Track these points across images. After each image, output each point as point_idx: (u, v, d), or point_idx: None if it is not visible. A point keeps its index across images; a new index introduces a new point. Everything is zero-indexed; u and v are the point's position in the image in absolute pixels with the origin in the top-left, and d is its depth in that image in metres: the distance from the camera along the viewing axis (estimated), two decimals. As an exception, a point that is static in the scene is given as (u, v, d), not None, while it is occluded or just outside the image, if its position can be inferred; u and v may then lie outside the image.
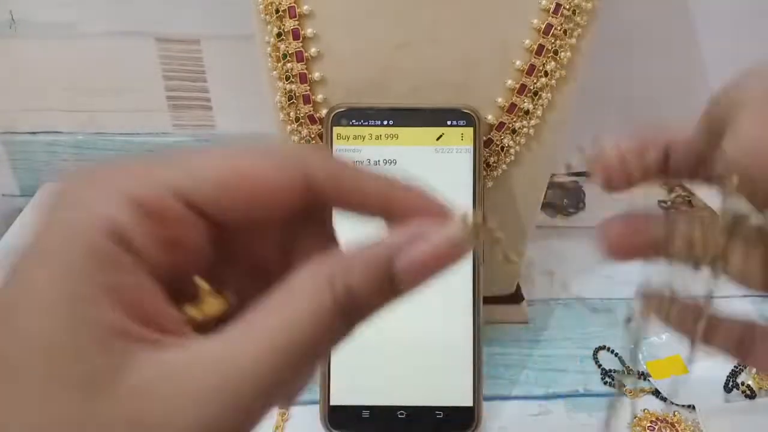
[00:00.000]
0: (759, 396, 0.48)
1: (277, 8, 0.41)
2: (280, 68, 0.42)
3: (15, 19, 0.65)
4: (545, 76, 0.42)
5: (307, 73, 0.42)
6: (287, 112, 0.43)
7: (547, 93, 0.43)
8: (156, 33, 0.65)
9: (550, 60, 0.42)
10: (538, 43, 0.42)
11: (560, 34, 0.41)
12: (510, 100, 0.43)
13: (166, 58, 0.67)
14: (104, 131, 0.71)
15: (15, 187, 0.74)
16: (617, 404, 0.22)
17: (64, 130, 0.71)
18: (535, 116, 0.44)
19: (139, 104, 0.69)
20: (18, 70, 0.67)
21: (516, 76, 0.43)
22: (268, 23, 0.41)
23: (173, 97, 0.69)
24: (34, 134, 0.71)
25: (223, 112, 0.70)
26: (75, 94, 0.69)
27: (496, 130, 0.44)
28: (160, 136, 0.71)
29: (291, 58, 0.42)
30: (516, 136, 0.44)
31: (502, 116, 0.44)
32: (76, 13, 0.64)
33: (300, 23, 0.41)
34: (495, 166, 0.46)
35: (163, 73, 0.68)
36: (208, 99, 0.69)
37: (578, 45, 0.42)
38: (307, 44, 0.41)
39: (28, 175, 0.73)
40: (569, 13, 0.41)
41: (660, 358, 0.51)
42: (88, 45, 0.66)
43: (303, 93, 0.43)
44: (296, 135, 0.44)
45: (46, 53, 0.66)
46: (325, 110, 0.43)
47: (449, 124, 0.43)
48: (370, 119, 0.43)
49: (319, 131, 0.44)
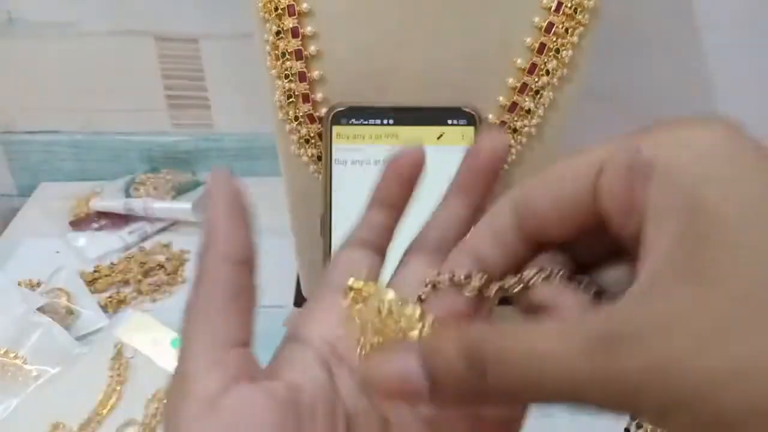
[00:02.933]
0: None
1: (276, 6, 0.40)
2: (279, 67, 0.42)
3: (13, 19, 0.64)
4: (547, 75, 0.42)
5: (307, 72, 0.42)
6: (286, 111, 0.43)
7: (549, 92, 0.43)
8: (155, 32, 0.65)
9: (552, 59, 0.42)
10: (539, 42, 0.41)
11: (562, 33, 0.41)
12: (511, 99, 0.43)
13: (165, 57, 0.67)
14: (102, 131, 0.71)
15: (13, 186, 0.74)
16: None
17: (62, 130, 0.71)
18: (536, 115, 0.43)
19: (137, 104, 0.69)
20: (16, 69, 0.67)
21: (517, 75, 0.42)
22: (267, 21, 0.41)
23: (172, 96, 0.69)
24: (32, 134, 0.71)
25: (221, 111, 0.70)
26: (73, 93, 0.68)
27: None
28: (159, 135, 0.71)
29: (290, 57, 0.41)
30: (517, 135, 0.44)
31: (503, 115, 0.44)
32: (75, 13, 0.64)
33: (299, 21, 0.41)
34: (496, 166, 0.45)
35: (162, 72, 0.67)
36: (206, 98, 0.69)
37: (580, 43, 0.42)
38: (307, 43, 0.41)
39: (25, 175, 0.73)
40: (571, 12, 0.41)
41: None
42: (87, 44, 0.65)
43: (302, 92, 0.42)
44: (295, 134, 0.44)
45: (45, 53, 0.66)
46: (325, 109, 0.43)
47: (450, 123, 0.42)
48: (369, 118, 0.42)
49: (319, 130, 0.43)
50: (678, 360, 0.14)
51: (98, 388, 0.47)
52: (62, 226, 0.65)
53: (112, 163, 0.72)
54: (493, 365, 0.15)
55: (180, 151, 0.72)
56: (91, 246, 0.62)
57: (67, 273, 0.58)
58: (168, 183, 0.67)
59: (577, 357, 0.15)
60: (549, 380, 0.15)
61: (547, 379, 0.15)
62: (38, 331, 0.51)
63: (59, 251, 0.62)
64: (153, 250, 0.63)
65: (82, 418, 0.46)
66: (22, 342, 0.50)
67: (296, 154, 0.45)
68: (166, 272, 0.60)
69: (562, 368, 0.15)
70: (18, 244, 0.63)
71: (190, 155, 0.72)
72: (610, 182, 0.17)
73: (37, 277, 0.58)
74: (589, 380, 0.14)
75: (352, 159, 0.43)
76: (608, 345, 0.14)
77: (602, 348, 0.14)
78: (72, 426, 0.45)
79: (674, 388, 0.14)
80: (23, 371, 0.48)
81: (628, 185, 0.16)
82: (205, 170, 0.72)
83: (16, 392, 0.47)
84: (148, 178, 0.68)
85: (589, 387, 0.15)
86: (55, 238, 0.64)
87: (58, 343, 0.51)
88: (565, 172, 0.18)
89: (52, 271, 0.58)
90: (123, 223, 0.65)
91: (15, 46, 0.66)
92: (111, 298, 0.57)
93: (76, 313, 0.55)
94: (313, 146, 0.44)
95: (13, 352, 0.49)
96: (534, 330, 0.16)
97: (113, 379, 0.48)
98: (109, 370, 0.49)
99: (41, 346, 0.50)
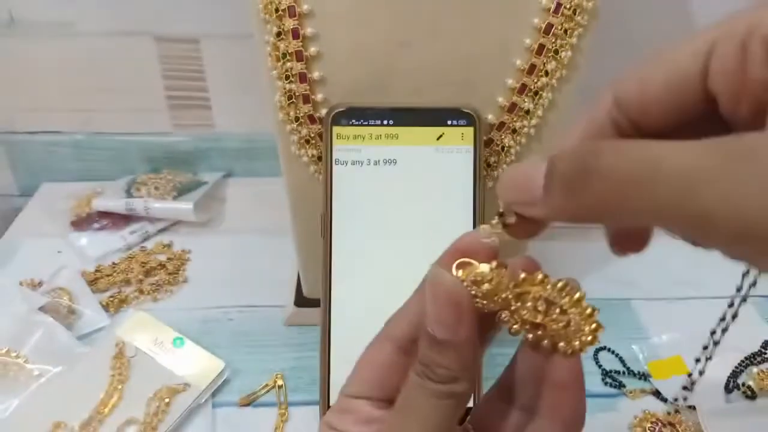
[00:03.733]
0: (760, 397, 0.48)
1: (277, 7, 0.40)
2: (279, 68, 0.42)
3: (14, 18, 0.64)
4: (546, 76, 0.42)
5: (307, 73, 0.42)
6: (287, 112, 0.43)
7: (548, 92, 0.43)
8: (155, 32, 0.65)
9: (551, 59, 0.42)
10: (538, 43, 0.41)
11: (561, 34, 0.41)
12: (510, 99, 0.43)
13: (166, 57, 0.67)
14: (103, 131, 0.71)
15: (14, 186, 0.74)
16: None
17: (63, 130, 0.71)
18: (535, 116, 0.44)
19: (138, 104, 0.69)
20: (17, 69, 0.67)
21: (516, 76, 0.43)
22: (268, 22, 0.41)
23: (172, 96, 0.69)
24: (33, 134, 0.71)
25: (222, 111, 0.70)
26: (74, 93, 0.69)
27: (496, 130, 0.44)
28: (160, 135, 0.71)
29: (290, 58, 0.42)
30: (516, 136, 0.44)
31: (502, 116, 0.44)
32: (75, 13, 0.64)
33: (300, 22, 0.41)
34: (495, 166, 0.45)
35: (163, 72, 0.67)
36: (207, 99, 0.69)
37: (579, 44, 0.42)
38: (307, 43, 0.41)
39: (27, 175, 0.73)
40: (570, 13, 0.41)
41: (661, 358, 0.51)
42: (87, 44, 0.65)
43: (303, 92, 0.42)
44: (296, 134, 0.44)
45: (45, 53, 0.66)
46: (325, 110, 0.43)
47: (449, 124, 0.43)
48: (370, 119, 0.43)
49: (319, 131, 0.44)
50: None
51: (99, 388, 0.48)
52: (64, 226, 0.65)
53: (113, 163, 0.72)
54: (606, 156, 0.15)
55: (180, 151, 0.72)
56: (92, 246, 0.63)
57: (68, 273, 0.59)
58: (169, 183, 0.67)
59: (701, 151, 0.14)
60: (658, 174, 0.14)
61: (656, 173, 0.14)
62: (40, 330, 0.51)
63: (61, 251, 0.63)
64: (154, 250, 0.63)
65: (83, 417, 0.46)
66: (23, 341, 0.50)
67: (296, 154, 0.45)
68: (168, 272, 0.60)
69: (677, 159, 0.14)
70: (19, 244, 0.63)
71: (191, 155, 0.72)
72: (722, 61, 0.17)
73: (39, 276, 0.59)
74: (711, 176, 0.14)
75: (352, 159, 0.43)
76: (739, 147, 0.14)
77: (731, 148, 0.14)
78: (73, 425, 0.45)
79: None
80: (25, 370, 0.49)
81: (740, 64, 0.16)
82: (206, 170, 0.73)
83: (18, 391, 0.47)
84: (149, 178, 0.68)
85: (711, 183, 0.14)
86: (57, 237, 0.64)
87: (60, 343, 0.51)
88: (676, 54, 0.18)
89: (53, 270, 0.59)
90: (124, 223, 0.65)
91: (15, 46, 0.66)
92: (112, 298, 0.57)
93: (77, 312, 0.55)
94: (313, 147, 0.44)
95: (14, 352, 0.49)
96: (654, 142, 0.15)
97: (114, 378, 0.48)
98: (111, 370, 0.49)
99: (43, 345, 0.50)
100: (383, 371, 0.23)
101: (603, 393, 0.49)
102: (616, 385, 0.49)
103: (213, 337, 0.53)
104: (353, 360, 0.24)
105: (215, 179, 0.71)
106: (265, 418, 0.47)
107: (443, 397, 0.21)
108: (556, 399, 0.21)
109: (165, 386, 0.48)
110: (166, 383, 0.48)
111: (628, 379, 0.50)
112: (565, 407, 0.21)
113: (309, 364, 0.50)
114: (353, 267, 0.43)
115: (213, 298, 0.57)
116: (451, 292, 0.20)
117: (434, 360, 0.21)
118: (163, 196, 0.66)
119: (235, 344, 0.52)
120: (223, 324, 0.55)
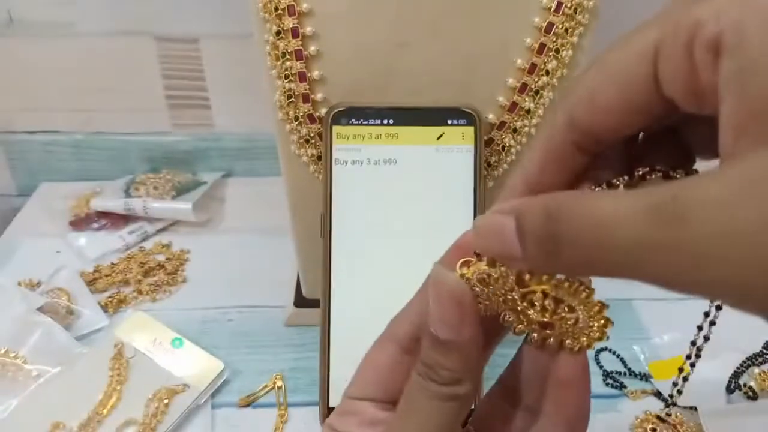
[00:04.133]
0: (761, 397, 0.47)
1: (276, 6, 0.40)
2: (279, 67, 0.42)
3: (13, 18, 0.64)
4: (546, 75, 0.42)
5: (307, 72, 0.42)
6: (286, 111, 0.43)
7: (549, 92, 0.43)
8: (155, 32, 0.65)
9: (552, 59, 0.42)
10: (539, 42, 0.41)
11: (562, 33, 0.41)
12: (511, 99, 0.43)
13: (165, 57, 0.66)
14: (102, 131, 0.71)
15: (12, 186, 0.74)
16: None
17: (62, 130, 0.71)
18: (536, 115, 0.43)
19: (137, 104, 0.69)
20: (16, 69, 0.67)
21: (517, 75, 0.42)
22: (267, 22, 0.41)
23: (172, 96, 0.69)
24: (32, 134, 0.71)
25: (221, 111, 0.70)
26: (73, 93, 0.68)
27: (497, 130, 0.44)
28: (159, 135, 0.71)
29: (290, 57, 0.41)
30: (517, 136, 0.44)
31: (503, 115, 0.44)
32: (75, 13, 0.64)
33: (299, 21, 0.41)
34: (496, 166, 0.45)
35: (162, 72, 0.67)
36: (206, 98, 0.69)
37: (580, 43, 0.42)
38: (307, 43, 0.41)
39: (25, 175, 0.73)
40: (571, 12, 0.41)
41: (662, 359, 0.51)
42: (87, 44, 0.65)
43: (302, 92, 0.42)
44: (295, 134, 0.44)
45: (44, 52, 0.66)
46: (325, 109, 0.43)
47: (450, 123, 0.42)
48: (369, 118, 0.42)
49: (319, 130, 0.43)
50: (746, 233, 0.13)
51: (98, 388, 0.47)
52: (62, 226, 0.65)
53: (112, 163, 0.72)
54: (566, 222, 0.16)
55: (180, 151, 0.72)
56: (91, 246, 0.62)
57: (67, 273, 0.58)
58: (168, 183, 0.67)
59: (642, 219, 0.14)
60: (612, 242, 0.15)
61: (611, 241, 0.15)
62: (38, 330, 0.51)
63: (59, 251, 0.62)
64: (153, 250, 0.63)
65: (82, 417, 0.46)
66: (22, 342, 0.50)
67: (296, 154, 0.45)
68: (166, 272, 0.60)
69: (625, 230, 0.15)
70: (18, 244, 0.63)
71: (190, 155, 0.72)
72: (671, 67, 0.17)
73: (38, 276, 0.58)
74: (651, 245, 0.14)
75: (352, 159, 0.43)
76: (673, 211, 0.14)
77: (667, 213, 0.14)
78: (72, 426, 0.45)
79: (743, 259, 0.13)
80: (23, 371, 0.48)
81: (690, 70, 0.16)
82: (205, 170, 0.72)
83: (16, 392, 0.47)
84: (148, 178, 0.68)
85: (652, 253, 0.14)
86: (56, 237, 0.64)
87: (59, 343, 0.51)
88: (620, 60, 0.18)
89: (52, 270, 0.58)
90: (123, 223, 0.65)
91: (15, 46, 0.66)
92: (111, 298, 0.57)
93: (76, 312, 0.55)
94: (313, 146, 0.44)
95: (13, 352, 0.49)
96: (605, 193, 0.16)
97: (113, 378, 0.48)
98: (110, 370, 0.49)
99: (41, 345, 0.50)
100: (387, 372, 0.23)
101: (604, 394, 0.49)
102: (617, 386, 0.49)
103: (212, 338, 0.53)
104: (353, 360, 0.24)
105: (214, 179, 0.71)
106: (264, 419, 0.47)
107: (446, 399, 0.21)
108: (561, 397, 0.21)
109: (164, 387, 0.47)
110: (165, 384, 0.48)
111: (629, 379, 0.50)
112: (569, 406, 0.21)
113: (309, 364, 0.50)
114: (353, 267, 0.43)
115: (212, 298, 0.57)
116: (454, 292, 0.20)
117: (437, 361, 0.20)
118: (162, 196, 0.66)
119: (235, 345, 0.52)
120: (223, 324, 0.55)
